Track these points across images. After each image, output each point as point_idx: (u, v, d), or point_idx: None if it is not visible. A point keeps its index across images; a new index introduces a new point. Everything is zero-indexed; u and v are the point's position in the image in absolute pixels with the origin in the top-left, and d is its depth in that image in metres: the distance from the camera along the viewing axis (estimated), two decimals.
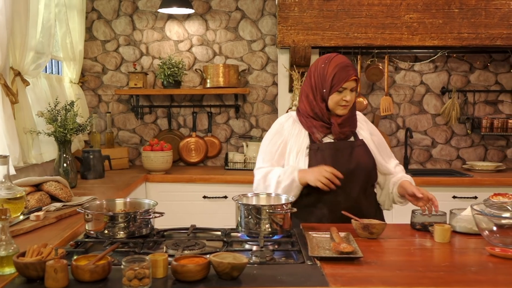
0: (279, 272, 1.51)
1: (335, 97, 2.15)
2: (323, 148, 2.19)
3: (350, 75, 2.12)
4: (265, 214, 1.90)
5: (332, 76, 2.13)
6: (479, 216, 1.83)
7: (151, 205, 2.03)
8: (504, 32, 3.43)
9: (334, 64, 2.14)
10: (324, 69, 2.15)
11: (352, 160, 2.19)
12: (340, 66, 2.12)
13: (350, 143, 2.23)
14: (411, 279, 1.44)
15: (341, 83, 2.11)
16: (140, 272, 1.39)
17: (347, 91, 2.14)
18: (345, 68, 2.12)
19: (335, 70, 2.12)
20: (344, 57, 2.19)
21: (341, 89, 2.13)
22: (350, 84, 2.13)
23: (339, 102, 2.15)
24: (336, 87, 2.12)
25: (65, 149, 3.07)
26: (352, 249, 1.62)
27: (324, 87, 2.16)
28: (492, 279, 1.45)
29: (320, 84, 2.17)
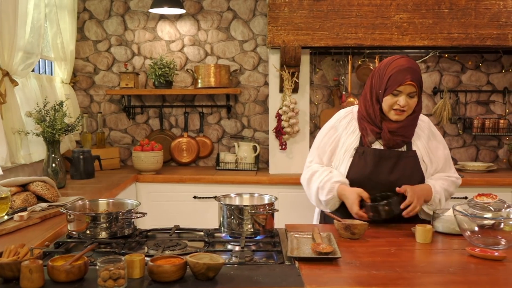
0: (256, 272, 1.51)
1: (389, 100, 2.08)
2: (367, 153, 2.14)
3: (406, 79, 2.03)
4: (247, 214, 1.91)
5: (388, 77, 2.06)
6: (461, 217, 1.83)
7: (134, 206, 2.04)
8: (494, 32, 3.43)
9: (394, 65, 2.07)
10: (384, 70, 2.10)
11: (395, 171, 2.13)
12: (399, 68, 2.05)
13: (398, 153, 2.14)
14: (387, 280, 1.44)
15: (395, 85, 2.04)
16: (115, 273, 1.39)
17: (403, 95, 2.05)
18: (404, 71, 2.04)
19: (393, 71, 2.06)
20: (409, 60, 2.08)
21: (396, 92, 2.05)
22: (406, 89, 2.04)
23: (392, 105, 2.08)
24: (390, 89, 2.05)
25: (53, 149, 3.06)
26: (331, 250, 1.62)
27: (380, 88, 2.10)
28: (467, 280, 1.45)
29: (377, 84, 2.12)
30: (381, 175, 2.11)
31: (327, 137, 2.26)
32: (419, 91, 2.09)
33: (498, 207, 1.94)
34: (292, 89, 3.62)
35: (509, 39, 3.43)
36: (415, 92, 2.07)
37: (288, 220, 2.38)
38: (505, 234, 1.79)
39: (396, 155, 2.14)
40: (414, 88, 2.06)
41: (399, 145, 2.16)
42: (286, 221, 2.29)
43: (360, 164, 2.14)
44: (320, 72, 4.06)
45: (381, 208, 2.02)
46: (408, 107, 2.08)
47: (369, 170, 2.12)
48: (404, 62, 2.07)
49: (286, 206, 3.33)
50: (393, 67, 2.07)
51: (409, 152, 2.16)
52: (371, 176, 2.12)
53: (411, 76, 2.03)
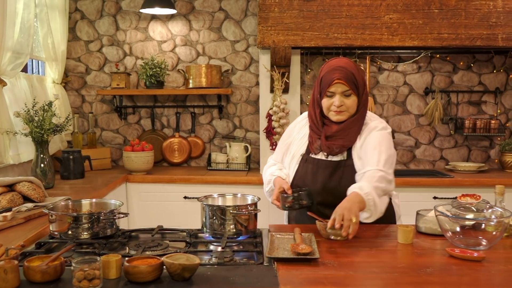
0: (233, 273, 1.51)
1: (325, 102, 2.06)
2: (309, 162, 2.14)
3: (334, 78, 1.99)
4: (229, 215, 1.90)
5: (321, 79, 2.06)
6: (442, 217, 1.83)
7: (117, 206, 2.03)
8: (484, 33, 3.43)
9: (326, 67, 2.06)
10: (319, 73, 2.10)
11: (332, 180, 2.07)
12: (329, 69, 2.03)
13: (336, 163, 2.08)
14: (362, 281, 1.44)
15: (326, 86, 2.02)
16: (90, 273, 1.39)
17: (337, 95, 2.02)
18: (332, 71, 2.01)
19: (323, 73, 2.05)
20: (339, 59, 2.06)
21: (330, 93, 2.03)
22: (337, 88, 2.00)
23: (329, 107, 2.05)
24: (324, 90, 2.04)
25: (42, 149, 3.06)
26: (309, 250, 1.62)
27: (317, 92, 2.09)
28: (442, 280, 1.44)
29: (316, 88, 2.12)
30: (318, 184, 2.08)
31: (283, 140, 2.32)
32: (355, 90, 2.02)
33: (481, 208, 1.94)
34: (282, 90, 3.62)
35: (499, 39, 3.43)
36: (349, 90, 2.01)
37: (277, 221, 2.38)
38: (487, 234, 1.79)
39: (333, 165, 2.08)
40: (346, 87, 2.00)
41: (340, 151, 2.08)
42: (275, 222, 2.30)
43: (302, 172, 2.14)
44: (312, 72, 4.06)
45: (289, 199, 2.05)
46: (345, 107, 2.02)
47: (309, 178, 2.11)
48: (334, 62, 2.05)
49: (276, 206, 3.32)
50: (325, 69, 2.06)
51: (347, 161, 2.08)
52: (310, 184, 2.09)
53: (339, 75, 1.99)
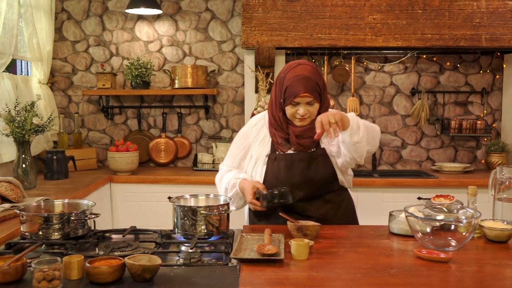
0: (196, 274, 1.51)
1: (289, 109, 2.06)
2: (279, 159, 2.12)
3: (299, 92, 1.98)
4: (200, 215, 1.90)
5: (285, 88, 2.03)
6: (412, 218, 1.82)
7: (89, 206, 2.03)
8: (468, 33, 3.43)
9: (291, 74, 2.02)
10: (283, 79, 2.06)
11: (308, 172, 2.10)
12: (294, 79, 2.00)
13: (308, 155, 2.11)
14: (323, 281, 1.43)
15: (291, 97, 2.00)
16: (49, 274, 1.39)
17: (302, 104, 2.02)
18: (298, 83, 1.99)
19: (289, 82, 2.02)
20: (303, 67, 2.03)
21: (294, 103, 2.02)
22: (303, 99, 2.01)
23: (294, 114, 2.05)
24: (288, 100, 2.03)
25: (24, 149, 3.06)
26: (275, 251, 1.61)
27: (280, 97, 2.08)
28: (404, 282, 1.44)
29: (278, 93, 2.09)
30: (295, 178, 2.09)
31: (238, 145, 2.27)
32: (319, 98, 2.04)
33: (451, 209, 1.94)
34: (267, 90, 3.61)
35: (482, 39, 3.43)
36: (313, 100, 2.02)
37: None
38: (457, 235, 1.79)
39: (306, 156, 2.11)
40: (311, 98, 2.01)
41: (310, 147, 2.12)
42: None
43: (274, 170, 2.13)
44: None
45: (269, 195, 1.99)
46: (309, 114, 2.04)
47: (283, 174, 2.10)
48: (299, 71, 2.02)
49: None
50: (289, 77, 2.03)
51: (318, 151, 2.12)
52: (285, 180, 2.09)
53: (305, 89, 1.99)
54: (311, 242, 1.76)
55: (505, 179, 2.06)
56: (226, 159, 2.33)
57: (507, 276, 1.53)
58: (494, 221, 1.95)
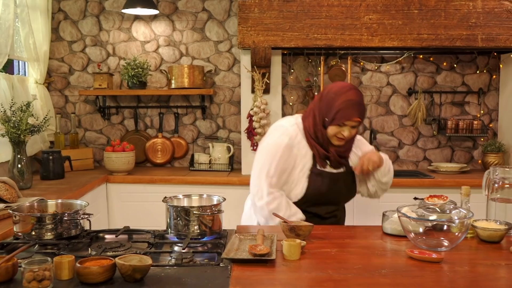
0: (187, 274, 1.51)
1: (334, 129, 2.16)
2: (324, 176, 2.22)
3: (353, 116, 2.12)
4: (193, 215, 1.90)
5: (337, 109, 2.13)
6: (404, 219, 1.82)
7: (82, 207, 2.03)
8: (464, 33, 3.42)
9: (344, 98, 2.13)
10: (334, 100, 2.15)
11: (342, 190, 2.29)
12: (348, 103, 2.12)
13: (343, 174, 2.27)
14: (313, 282, 1.43)
15: (342, 119, 2.13)
16: (39, 274, 1.39)
17: (347, 127, 2.15)
18: (352, 108, 2.12)
19: (342, 105, 2.12)
20: (356, 93, 2.16)
21: (342, 124, 2.15)
22: (351, 123, 2.15)
23: (336, 134, 2.17)
24: (337, 121, 2.13)
25: (19, 149, 3.06)
26: (267, 251, 1.61)
27: (327, 116, 2.17)
28: (394, 282, 1.44)
29: (325, 111, 2.18)
30: (332, 194, 2.24)
31: (285, 158, 2.17)
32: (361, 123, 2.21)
33: (444, 209, 1.94)
34: (263, 90, 3.61)
35: (478, 40, 3.43)
36: (358, 124, 2.18)
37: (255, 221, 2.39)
38: (449, 235, 1.79)
39: (342, 176, 2.28)
40: (358, 123, 2.16)
41: (344, 164, 2.29)
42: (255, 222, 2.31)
43: (317, 185, 2.21)
44: (294, 72, 4.05)
45: None
46: (350, 136, 2.19)
47: (325, 190, 2.21)
48: (353, 96, 2.13)
49: None
50: (342, 101, 2.12)
51: (350, 169, 2.30)
52: (326, 195, 2.23)
53: (358, 114, 2.13)
54: (303, 242, 1.76)
55: (498, 179, 2.06)
56: (270, 175, 2.16)
57: (498, 277, 1.53)
58: (487, 221, 1.95)
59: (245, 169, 3.76)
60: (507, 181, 2.04)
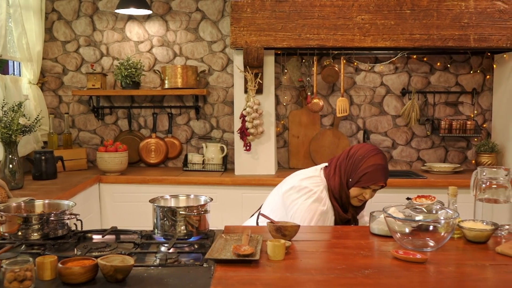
0: (170, 274, 1.51)
1: (357, 191, 2.20)
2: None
3: (380, 180, 2.17)
4: (179, 216, 1.90)
5: (364, 172, 2.16)
6: (390, 219, 1.82)
7: (69, 207, 2.03)
8: (456, 33, 3.42)
9: (371, 162, 2.17)
10: (360, 162, 2.18)
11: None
12: (376, 167, 2.16)
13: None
14: (295, 282, 1.43)
15: (369, 183, 2.16)
16: (20, 275, 1.38)
17: (370, 190, 2.20)
18: (381, 172, 2.17)
19: (369, 169, 2.16)
20: (383, 158, 2.21)
21: (366, 187, 2.19)
22: (375, 187, 2.19)
23: (358, 196, 2.21)
24: (362, 183, 2.17)
25: (11, 150, 3.06)
26: (251, 252, 1.61)
27: (351, 177, 2.19)
28: (377, 282, 1.44)
29: (351, 171, 2.20)
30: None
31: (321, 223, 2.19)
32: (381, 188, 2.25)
33: (430, 209, 1.94)
34: (256, 90, 3.61)
35: (471, 40, 3.43)
36: (381, 188, 2.23)
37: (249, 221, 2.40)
38: (435, 236, 1.79)
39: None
40: (381, 187, 2.22)
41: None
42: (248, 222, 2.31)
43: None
44: (287, 73, 4.05)
45: None
46: (369, 199, 2.24)
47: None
48: (381, 161, 2.19)
49: (249, 206, 3.32)
50: (370, 164, 2.16)
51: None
52: None
53: (384, 179, 2.19)
54: (288, 242, 1.75)
55: (486, 179, 2.06)
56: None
57: (482, 277, 1.53)
58: (474, 222, 1.95)
59: (239, 169, 3.77)
60: (495, 181, 2.04)
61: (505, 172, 2.05)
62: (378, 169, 2.16)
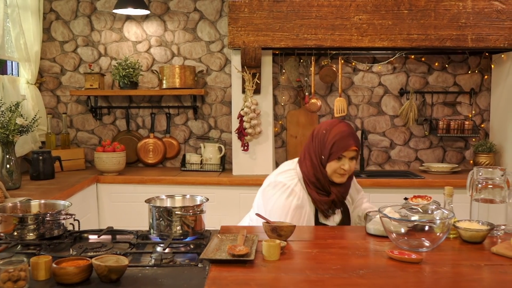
0: (165, 275, 1.51)
1: (333, 165, 2.15)
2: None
3: (350, 145, 2.13)
4: (175, 216, 1.90)
5: (331, 144, 2.13)
6: (385, 219, 1.82)
7: (65, 207, 2.03)
8: (454, 33, 3.42)
9: (335, 132, 2.15)
10: (325, 136, 2.16)
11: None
12: (344, 134, 2.14)
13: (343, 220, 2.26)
14: (289, 282, 1.43)
15: (340, 151, 2.13)
16: (14, 275, 1.38)
17: (346, 159, 2.15)
18: (346, 138, 2.14)
19: (335, 138, 2.13)
20: (347, 125, 2.19)
21: (340, 157, 2.14)
22: (349, 153, 2.15)
23: (337, 170, 2.16)
24: (335, 155, 2.13)
25: (8, 150, 3.06)
26: (246, 252, 1.61)
27: (323, 154, 2.16)
28: (371, 282, 1.44)
29: (319, 150, 2.18)
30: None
31: (297, 219, 2.14)
32: (358, 154, 2.21)
33: (426, 209, 1.94)
34: (254, 90, 3.61)
35: (468, 40, 3.42)
36: (356, 155, 2.18)
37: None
38: (431, 236, 1.79)
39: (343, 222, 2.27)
40: (356, 152, 2.17)
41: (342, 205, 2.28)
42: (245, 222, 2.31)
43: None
44: (285, 73, 4.05)
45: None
46: (349, 170, 2.17)
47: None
48: (344, 128, 2.17)
49: (247, 207, 3.31)
50: (335, 134, 2.14)
51: (347, 212, 2.31)
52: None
53: (355, 142, 2.15)
54: (283, 242, 1.75)
55: (482, 179, 2.06)
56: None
57: (477, 277, 1.53)
58: (470, 222, 1.95)
59: (236, 169, 3.76)
60: (491, 181, 2.04)
61: (501, 172, 2.05)
62: (344, 135, 2.13)
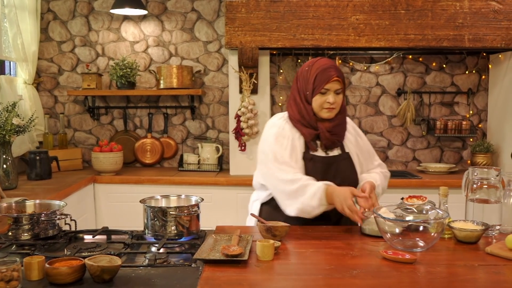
0: (158, 275, 1.51)
1: (318, 99, 2.12)
2: (316, 160, 2.16)
3: (332, 76, 2.09)
4: (170, 216, 1.90)
5: (314, 77, 2.12)
6: (380, 219, 1.82)
7: (60, 207, 2.03)
8: (451, 34, 3.42)
9: (316, 66, 2.14)
10: (308, 72, 2.15)
11: (338, 175, 2.16)
12: (322, 68, 2.12)
13: (337, 158, 2.20)
14: (282, 282, 1.43)
15: (322, 84, 2.10)
16: (7, 275, 1.38)
17: (331, 92, 2.11)
18: (327, 70, 2.11)
19: (317, 71, 2.12)
20: (327, 59, 2.18)
21: (324, 91, 2.11)
22: (333, 86, 2.10)
23: (322, 104, 2.12)
24: (318, 88, 2.11)
25: (5, 150, 3.06)
26: (239, 252, 1.61)
27: (307, 89, 2.15)
28: (364, 282, 1.44)
29: (303, 86, 2.16)
30: (329, 180, 2.11)
31: (279, 144, 2.15)
32: (343, 88, 2.16)
33: (421, 209, 1.94)
34: (251, 90, 3.61)
35: (465, 40, 3.42)
36: (341, 88, 2.14)
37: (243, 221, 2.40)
38: (425, 236, 1.79)
39: (336, 159, 2.20)
40: (340, 85, 2.12)
41: (335, 145, 2.21)
42: (242, 223, 2.30)
43: (309, 170, 2.14)
44: (283, 73, 4.05)
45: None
46: (336, 104, 2.14)
47: (320, 176, 2.12)
48: (325, 62, 2.15)
49: (244, 207, 3.31)
50: (316, 68, 2.13)
51: (344, 155, 2.22)
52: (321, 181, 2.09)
53: (336, 73, 2.11)
54: (278, 243, 1.75)
55: (477, 180, 2.06)
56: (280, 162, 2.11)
57: (471, 278, 1.53)
58: (465, 222, 1.95)
59: (234, 169, 3.76)
60: (486, 181, 2.04)
61: (496, 172, 2.05)
62: (325, 68, 2.10)
